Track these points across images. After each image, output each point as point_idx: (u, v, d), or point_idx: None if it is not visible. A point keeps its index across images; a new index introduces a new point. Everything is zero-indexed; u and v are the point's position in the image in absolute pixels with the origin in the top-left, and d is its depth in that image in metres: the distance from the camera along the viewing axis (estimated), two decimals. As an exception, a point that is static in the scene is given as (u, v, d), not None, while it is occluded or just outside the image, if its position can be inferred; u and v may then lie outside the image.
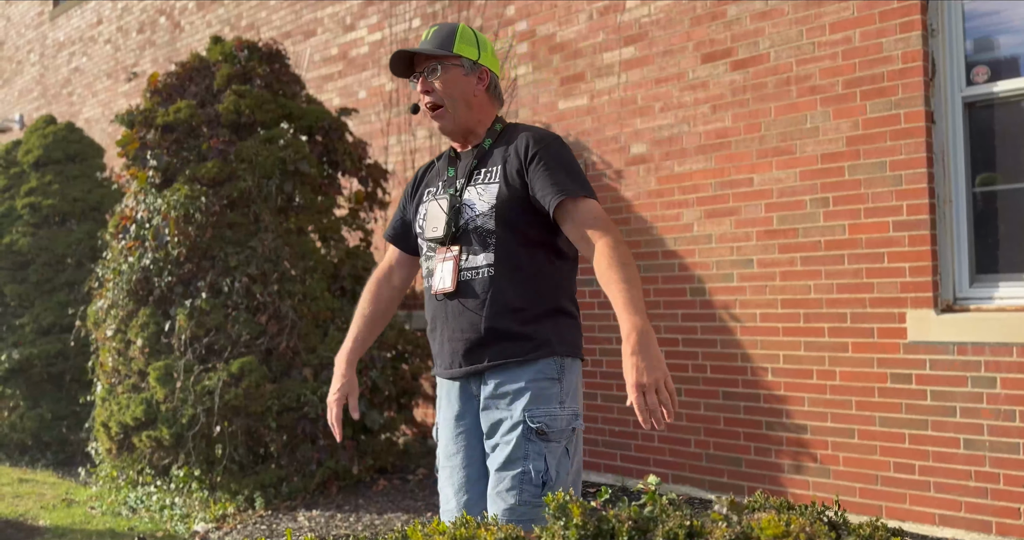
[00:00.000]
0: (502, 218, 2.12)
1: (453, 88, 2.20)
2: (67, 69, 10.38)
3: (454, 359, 2.17)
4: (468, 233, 2.15)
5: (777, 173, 3.98)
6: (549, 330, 2.13)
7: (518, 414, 2.08)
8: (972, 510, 3.44)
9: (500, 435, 2.10)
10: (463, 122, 2.23)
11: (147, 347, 4.66)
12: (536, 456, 2.05)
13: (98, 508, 4.80)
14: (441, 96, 2.20)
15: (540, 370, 2.11)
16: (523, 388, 2.09)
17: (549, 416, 2.09)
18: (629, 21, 4.56)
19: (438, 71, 2.19)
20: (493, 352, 2.12)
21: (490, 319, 2.10)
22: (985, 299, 3.55)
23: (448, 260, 2.16)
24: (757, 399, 4.05)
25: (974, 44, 3.66)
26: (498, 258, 2.11)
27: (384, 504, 4.44)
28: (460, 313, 2.14)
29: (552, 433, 2.08)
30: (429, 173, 2.39)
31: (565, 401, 2.12)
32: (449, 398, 2.23)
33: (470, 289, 2.13)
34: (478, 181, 2.18)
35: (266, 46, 5.27)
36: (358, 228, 5.26)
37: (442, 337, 2.20)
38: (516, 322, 2.10)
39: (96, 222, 6.61)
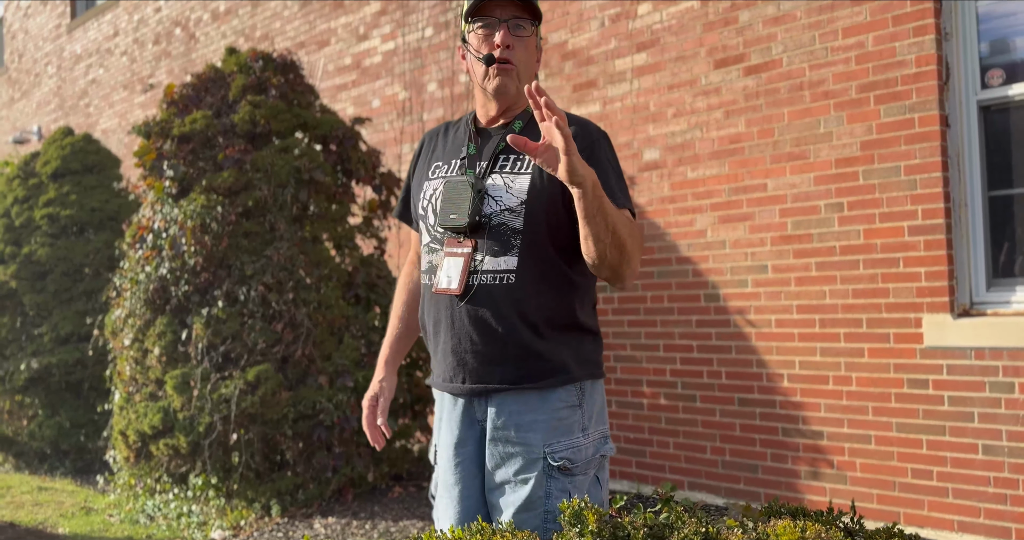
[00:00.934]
0: (532, 217, 1.83)
1: (528, 55, 1.93)
2: (84, 81, 10.49)
3: (457, 373, 1.90)
4: (489, 229, 1.85)
5: (791, 178, 3.97)
6: (570, 350, 1.89)
7: (537, 450, 1.83)
8: (991, 516, 3.40)
9: (514, 473, 1.85)
10: (519, 90, 1.93)
11: (164, 355, 4.69)
12: (560, 493, 1.82)
13: (116, 516, 4.83)
14: (518, 58, 1.90)
15: (559, 397, 1.86)
16: (540, 419, 1.84)
17: (572, 449, 1.85)
18: (641, 27, 4.57)
19: (524, 31, 1.91)
20: (505, 372, 1.85)
21: (504, 334, 1.83)
22: (1003, 303, 3.53)
23: (458, 257, 1.87)
24: (773, 405, 4.03)
25: (988, 47, 3.64)
26: (522, 264, 1.83)
27: (400, 511, 4.45)
28: (469, 321, 1.86)
29: (577, 467, 1.84)
30: (439, 144, 2.07)
31: (588, 427, 1.89)
32: (449, 421, 1.95)
33: (484, 295, 1.84)
34: (505, 168, 1.89)
35: (280, 56, 5.32)
36: (372, 236, 5.28)
37: (445, 346, 1.91)
38: (531, 340, 1.84)
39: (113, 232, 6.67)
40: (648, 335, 4.53)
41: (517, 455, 1.85)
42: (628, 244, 1.73)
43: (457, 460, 1.93)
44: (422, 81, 5.92)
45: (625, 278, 1.79)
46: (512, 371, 1.85)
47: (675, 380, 4.41)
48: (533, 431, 1.84)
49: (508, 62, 1.89)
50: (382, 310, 5.07)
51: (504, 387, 1.85)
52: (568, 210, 1.82)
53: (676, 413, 4.40)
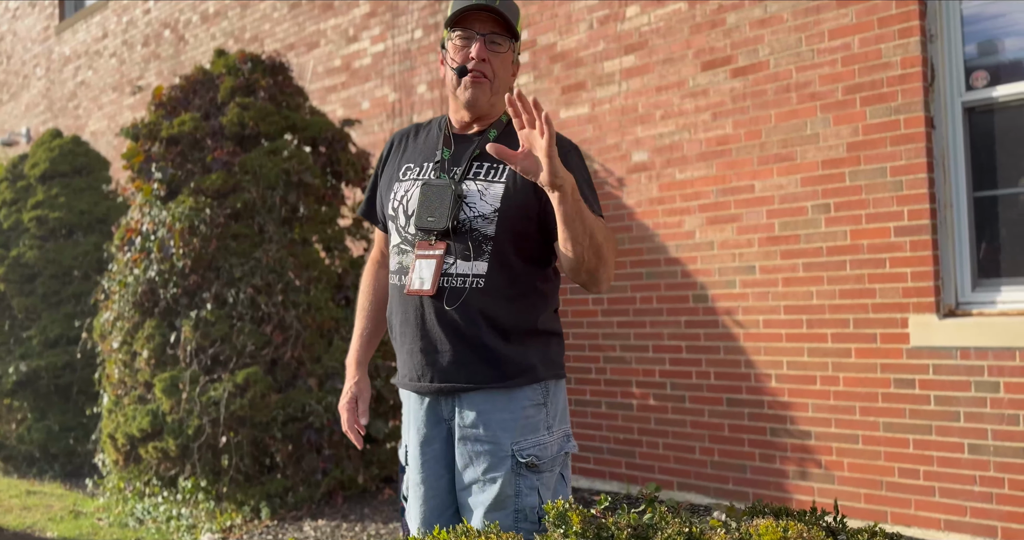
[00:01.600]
0: (504, 224, 1.89)
1: (503, 68, 1.98)
2: (73, 83, 10.46)
3: (425, 372, 1.93)
4: (461, 234, 1.90)
5: (778, 179, 3.99)
6: (536, 352, 1.94)
7: (505, 448, 1.87)
8: (978, 515, 3.43)
9: (483, 471, 1.89)
10: (494, 104, 1.99)
11: (153, 358, 4.68)
12: (529, 491, 1.88)
13: (105, 519, 4.82)
14: (493, 71, 1.95)
15: (525, 396, 1.91)
16: (507, 418, 1.89)
17: (539, 446, 1.90)
18: (629, 30, 4.58)
19: (500, 46, 1.95)
20: (473, 372, 1.89)
21: (472, 336, 1.88)
22: (988, 303, 3.55)
23: (431, 258, 1.91)
24: (761, 405, 4.05)
25: (973, 49, 3.67)
26: (492, 269, 1.88)
27: (390, 513, 4.45)
28: (438, 322, 1.90)
29: (543, 464, 1.90)
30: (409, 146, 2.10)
31: (553, 425, 1.95)
32: (416, 420, 2.00)
33: (454, 298, 1.88)
34: (479, 175, 1.94)
35: (269, 58, 5.31)
36: (362, 238, 5.28)
37: (413, 345, 1.95)
38: (498, 342, 1.89)
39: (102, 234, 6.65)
40: (637, 336, 4.54)
41: (486, 453, 1.89)
42: (604, 249, 1.79)
43: (423, 459, 1.97)
44: (412, 83, 5.93)
45: (601, 282, 1.84)
46: (480, 371, 1.89)
47: (664, 381, 4.42)
48: (501, 430, 1.88)
49: (482, 74, 1.94)
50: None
51: (472, 386, 1.90)
52: (537, 221, 1.91)
53: (665, 414, 4.41)
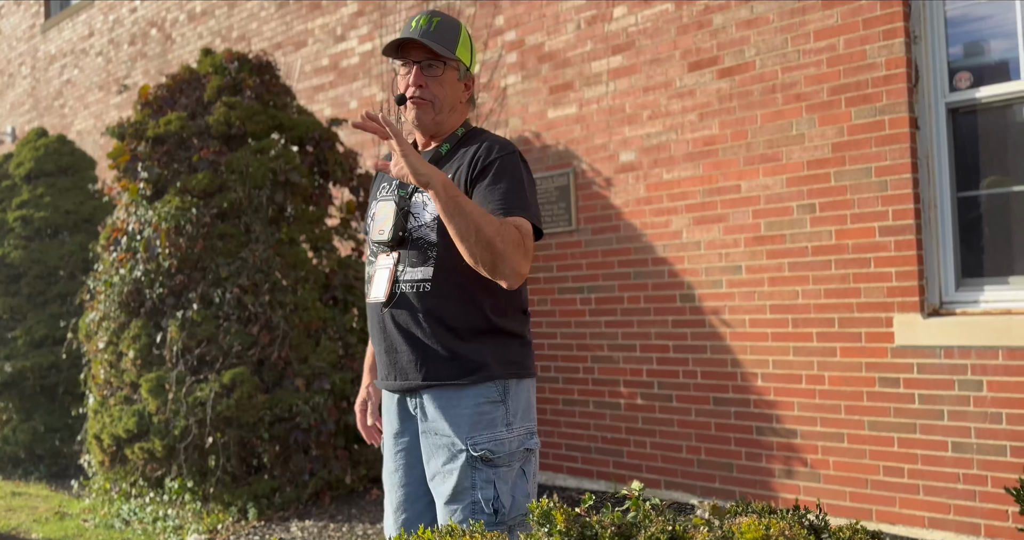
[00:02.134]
0: (445, 230, 1.96)
1: (445, 90, 2.10)
2: (59, 81, 10.39)
3: (390, 372, 2.09)
4: (410, 242, 2.04)
5: (764, 180, 4.01)
6: (490, 351, 2.02)
7: (460, 442, 1.98)
8: (961, 512, 3.46)
9: (442, 464, 2.00)
10: (441, 122, 2.13)
11: (139, 359, 4.66)
12: (484, 484, 1.96)
13: (91, 521, 4.79)
14: (433, 94, 2.08)
15: (480, 393, 2.00)
16: (462, 414, 1.99)
17: (495, 442, 1.99)
18: (617, 30, 4.60)
19: (435, 70, 2.08)
20: (428, 371, 2.02)
21: (424, 337, 2.01)
22: (971, 303, 3.58)
23: (385, 268, 2.06)
24: (747, 404, 4.07)
25: (957, 50, 3.70)
26: (437, 273, 2.00)
27: (377, 514, 4.44)
28: (395, 326, 2.05)
29: (499, 458, 1.98)
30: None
31: (513, 423, 2.03)
32: (389, 414, 2.16)
33: (406, 302, 2.03)
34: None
35: (256, 57, 5.30)
36: (350, 238, 5.28)
37: (379, 347, 2.11)
38: (451, 342, 2.00)
39: (88, 234, 6.62)
40: (625, 336, 4.55)
41: (443, 447, 2.01)
42: (497, 243, 1.84)
43: (397, 449, 2.14)
44: (399, 83, 5.92)
45: (505, 277, 1.89)
46: (435, 370, 2.02)
47: (651, 380, 4.44)
48: (455, 425, 2.00)
49: (421, 98, 2.09)
50: (360, 312, 5.06)
51: (428, 384, 2.03)
52: None
53: (653, 413, 4.43)
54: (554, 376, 4.86)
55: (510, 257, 1.86)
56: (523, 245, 1.89)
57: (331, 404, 4.57)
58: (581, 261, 4.74)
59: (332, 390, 4.62)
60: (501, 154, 2.04)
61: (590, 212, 4.70)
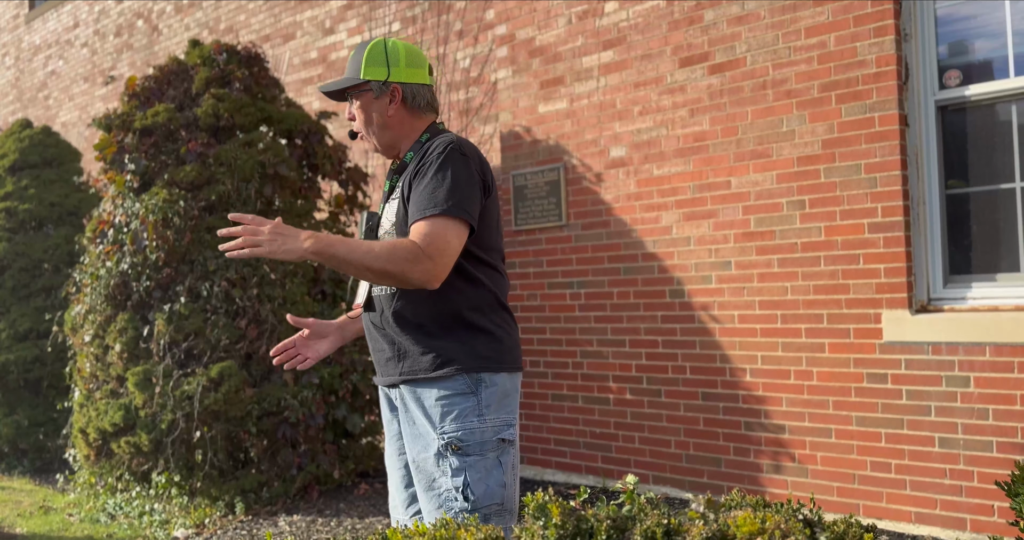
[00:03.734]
0: (401, 235, 2.11)
1: (367, 113, 2.23)
2: (43, 72, 10.29)
3: (376, 369, 2.26)
4: None
5: (754, 176, 4.02)
6: (459, 346, 2.09)
7: (432, 432, 2.07)
8: (947, 508, 3.48)
9: (417, 453, 2.11)
10: (385, 141, 2.24)
11: (125, 352, 4.62)
12: (455, 472, 2.03)
13: (76, 515, 4.76)
14: (360, 122, 2.25)
15: (449, 386, 2.07)
16: (431, 405, 2.09)
17: (465, 430, 2.05)
18: (608, 25, 4.59)
19: (355, 102, 2.25)
20: (403, 367, 2.14)
21: (397, 336, 2.14)
22: (959, 299, 3.60)
23: None
24: (736, 400, 4.08)
25: (947, 48, 3.72)
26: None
27: (366, 508, 4.43)
28: (374, 328, 2.21)
29: (470, 446, 2.04)
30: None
31: (486, 414, 2.08)
32: (382, 405, 2.33)
33: (378, 305, 2.18)
34: (390, 197, 2.23)
35: (245, 49, 5.26)
36: (339, 232, 5.25)
37: (369, 347, 2.31)
38: (422, 339, 2.11)
39: (73, 227, 6.56)
40: (614, 331, 4.56)
41: (419, 436, 2.12)
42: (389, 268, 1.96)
43: (390, 435, 2.30)
44: (389, 76, 5.89)
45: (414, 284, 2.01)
46: (407, 366, 2.14)
47: (641, 375, 4.44)
48: (427, 415, 2.10)
49: (355, 131, 2.29)
50: (348, 306, 5.04)
51: (402, 379, 2.15)
52: None
53: (642, 408, 4.44)
54: (543, 371, 4.86)
55: (409, 272, 1.96)
56: (420, 253, 1.96)
57: (319, 398, 4.55)
58: (571, 256, 4.74)
59: (320, 384, 4.60)
60: (435, 152, 2.10)
61: (580, 207, 4.69)
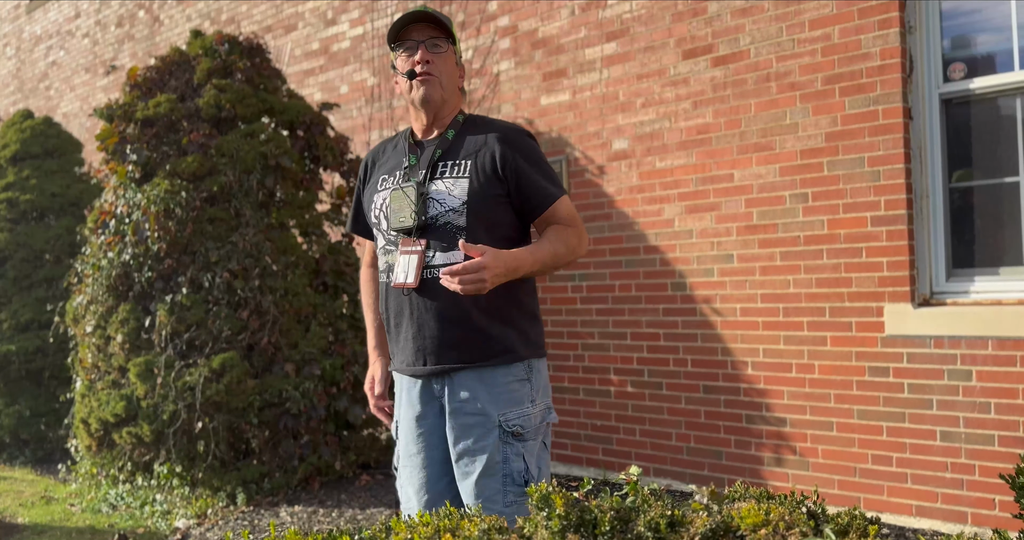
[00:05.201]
0: (474, 214, 2.08)
1: (448, 68, 2.19)
2: (44, 63, 10.26)
3: (418, 357, 2.13)
4: (436, 228, 2.10)
5: (757, 169, 4.01)
6: (516, 333, 2.13)
7: (493, 420, 2.07)
8: (948, 501, 3.49)
9: (474, 441, 2.08)
10: (447, 100, 2.19)
11: (127, 343, 4.62)
12: (515, 457, 2.08)
13: (78, 505, 4.77)
14: (439, 70, 2.16)
15: (510, 372, 2.10)
16: (495, 393, 2.08)
17: (523, 417, 2.10)
18: (611, 17, 4.57)
19: (440, 47, 2.17)
20: (460, 353, 2.09)
21: (458, 320, 2.07)
22: (961, 293, 3.60)
23: (412, 254, 2.10)
24: (737, 393, 4.09)
25: (951, 42, 3.70)
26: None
27: (367, 499, 4.44)
28: (426, 310, 2.09)
29: (527, 432, 2.10)
30: (380, 159, 2.32)
31: (536, 398, 2.14)
32: (410, 398, 2.19)
33: (437, 286, 2.06)
34: (445, 174, 2.14)
35: (247, 40, 5.24)
36: (340, 223, 5.24)
37: (406, 334, 2.15)
38: (483, 324, 2.08)
39: (75, 217, 6.55)
40: (616, 324, 4.56)
41: (476, 425, 2.08)
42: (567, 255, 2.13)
43: (419, 431, 2.17)
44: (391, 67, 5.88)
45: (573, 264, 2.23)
46: (467, 353, 2.09)
47: (642, 368, 4.44)
48: (489, 403, 2.08)
49: (429, 74, 2.15)
50: (350, 298, 5.04)
51: (461, 367, 2.09)
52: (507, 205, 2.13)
53: (643, 401, 4.44)
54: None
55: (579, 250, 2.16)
56: (581, 233, 2.16)
57: (321, 390, 4.55)
58: (573, 249, 4.73)
59: (322, 376, 4.60)
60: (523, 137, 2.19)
61: (582, 200, 4.69)
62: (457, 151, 2.16)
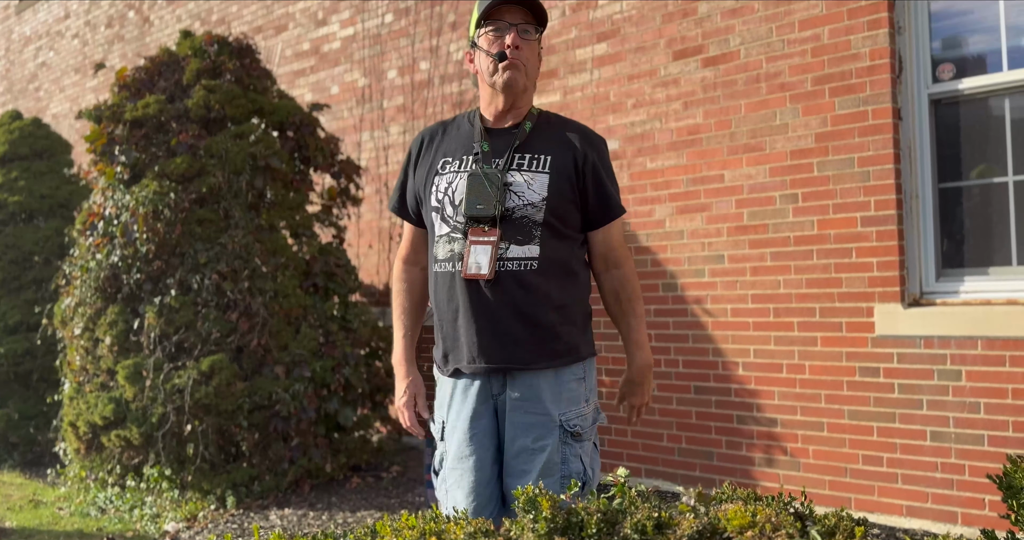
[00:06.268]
0: (552, 212, 2.03)
1: (534, 57, 2.14)
2: (33, 64, 10.22)
3: (479, 353, 2.03)
4: (512, 221, 2.02)
5: (747, 169, 4.01)
6: (579, 331, 2.12)
7: (554, 418, 2.04)
8: (939, 501, 3.49)
9: (532, 440, 2.02)
10: (528, 89, 2.14)
11: (116, 345, 4.60)
12: (573, 458, 2.06)
13: (66, 509, 4.74)
14: (526, 57, 2.10)
15: (572, 372, 2.09)
16: (556, 391, 2.05)
17: (580, 417, 2.09)
18: (602, 18, 4.57)
19: (531, 35, 2.11)
20: (526, 352, 2.02)
21: (530, 317, 2.01)
22: (951, 293, 3.60)
23: (485, 244, 2.01)
24: (728, 393, 4.08)
25: (940, 42, 3.71)
26: (544, 252, 2.01)
27: (357, 502, 4.42)
28: (495, 304, 2.00)
29: (585, 432, 2.09)
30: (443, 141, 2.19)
31: (590, 398, 2.14)
32: (465, 396, 2.09)
33: (510, 280, 1.99)
34: (523, 166, 2.07)
35: (236, 41, 5.22)
36: (331, 225, 5.23)
37: (467, 328, 2.04)
38: (554, 322, 2.04)
39: (64, 219, 6.51)
40: (607, 324, 4.54)
41: (536, 425, 2.03)
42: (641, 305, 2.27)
43: (472, 432, 2.07)
44: (382, 68, 5.87)
45: None
46: (532, 351, 2.03)
47: (633, 369, 4.43)
48: (551, 402, 2.04)
49: (517, 59, 2.08)
50: (341, 299, 5.02)
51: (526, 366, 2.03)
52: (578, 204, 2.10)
53: (634, 402, 4.43)
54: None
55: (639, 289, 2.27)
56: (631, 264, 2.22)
57: (311, 392, 4.53)
58: (564, 249, 4.73)
59: (312, 378, 4.58)
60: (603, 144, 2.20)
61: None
62: (535, 145, 2.09)
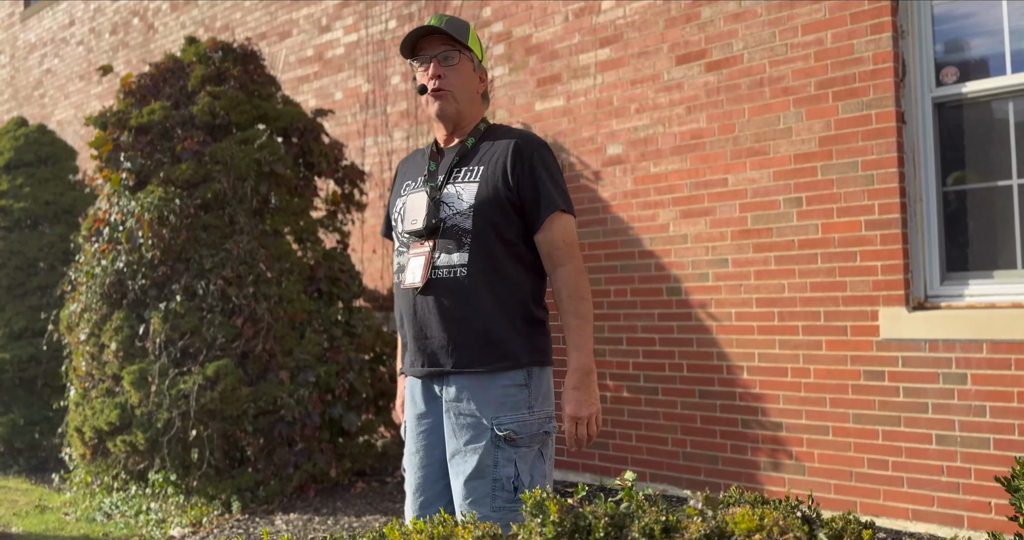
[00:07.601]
0: (479, 218, 2.10)
1: (462, 79, 2.20)
2: (38, 71, 10.26)
3: (417, 358, 2.16)
4: (443, 231, 2.13)
5: (751, 173, 4.01)
6: (519, 338, 2.13)
7: (486, 422, 2.07)
8: (944, 505, 3.48)
9: (465, 442, 2.09)
10: (462, 112, 2.22)
11: (121, 351, 4.61)
12: (506, 462, 2.07)
13: (72, 514, 4.74)
14: (452, 84, 2.18)
15: (508, 378, 2.11)
16: (490, 396, 2.09)
17: (518, 423, 2.09)
18: (604, 22, 4.58)
19: (452, 60, 2.19)
20: (459, 356, 2.10)
21: (458, 322, 2.09)
22: (956, 296, 3.60)
23: (420, 255, 2.14)
24: (733, 397, 4.08)
25: (943, 46, 3.71)
26: (472, 258, 2.09)
27: (362, 506, 4.43)
28: (429, 311, 2.12)
29: (521, 439, 2.09)
30: (408, 166, 2.37)
31: (535, 406, 2.14)
32: (413, 396, 2.22)
33: (441, 288, 2.10)
34: (458, 179, 2.17)
35: (241, 47, 5.24)
36: (335, 230, 5.24)
37: (410, 334, 2.18)
38: (484, 327, 2.09)
39: (69, 225, 6.54)
40: (611, 329, 4.55)
41: (468, 427, 2.09)
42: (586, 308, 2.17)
43: (419, 430, 2.20)
44: (385, 74, 5.89)
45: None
46: (465, 356, 2.09)
47: (637, 373, 4.44)
48: (482, 405, 2.08)
49: (440, 89, 2.17)
50: (345, 304, 5.03)
51: (458, 370, 2.10)
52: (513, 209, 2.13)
53: (638, 406, 4.43)
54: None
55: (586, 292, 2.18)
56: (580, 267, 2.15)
57: (316, 397, 4.54)
58: (568, 254, 4.73)
59: (317, 383, 4.59)
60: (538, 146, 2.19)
61: (577, 205, 4.68)
62: (474, 157, 2.19)
